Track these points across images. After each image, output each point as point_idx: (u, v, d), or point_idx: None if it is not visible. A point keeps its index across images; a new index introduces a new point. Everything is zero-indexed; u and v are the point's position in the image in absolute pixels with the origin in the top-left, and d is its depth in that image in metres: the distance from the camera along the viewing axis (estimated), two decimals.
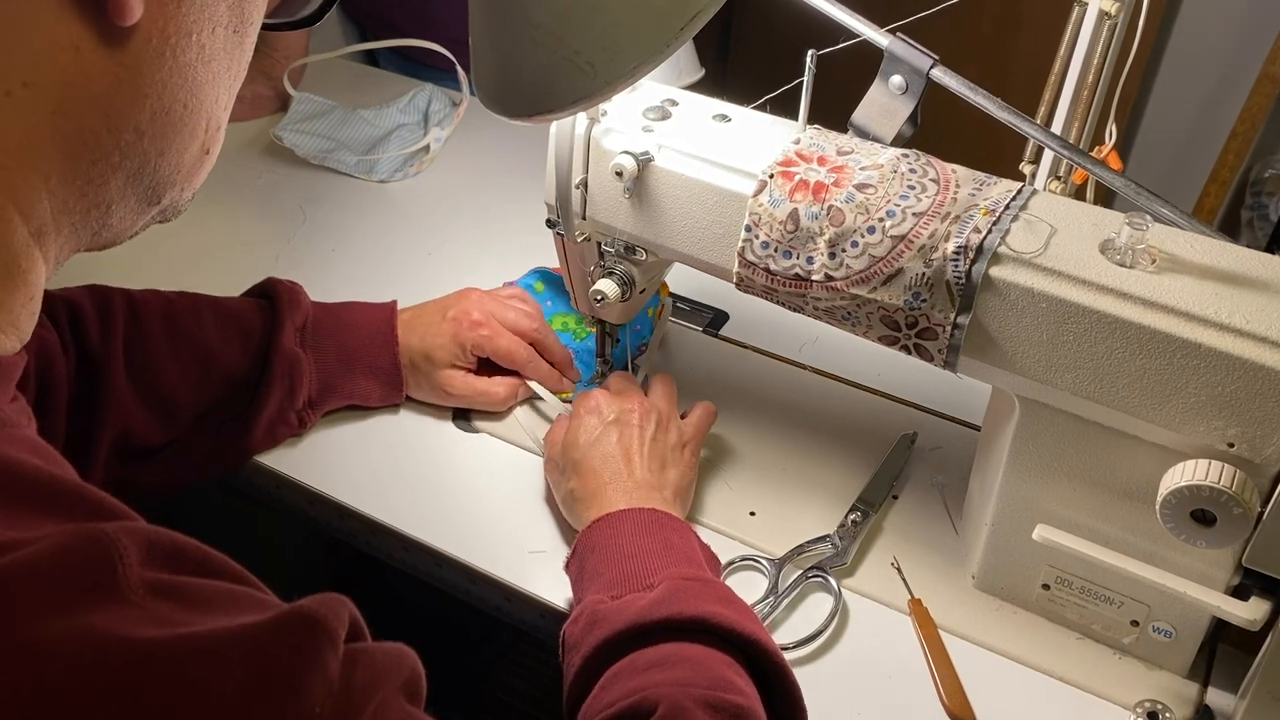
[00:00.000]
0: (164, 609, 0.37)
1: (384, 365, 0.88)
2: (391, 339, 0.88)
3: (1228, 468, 0.62)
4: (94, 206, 0.47)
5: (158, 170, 0.48)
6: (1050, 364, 0.66)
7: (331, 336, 0.87)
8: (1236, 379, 0.60)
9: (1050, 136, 0.73)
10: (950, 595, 0.78)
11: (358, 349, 0.88)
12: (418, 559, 0.84)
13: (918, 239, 0.66)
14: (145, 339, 0.80)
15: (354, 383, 0.88)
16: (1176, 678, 0.73)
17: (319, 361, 0.86)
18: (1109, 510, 0.69)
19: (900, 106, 0.74)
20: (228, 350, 0.83)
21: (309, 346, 0.86)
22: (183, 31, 0.45)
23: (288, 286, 0.87)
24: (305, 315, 0.86)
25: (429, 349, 0.88)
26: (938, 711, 0.72)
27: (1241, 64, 1.98)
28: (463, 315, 0.89)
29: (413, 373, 0.89)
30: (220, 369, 0.82)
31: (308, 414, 0.87)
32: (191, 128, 0.48)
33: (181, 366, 0.81)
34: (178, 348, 0.81)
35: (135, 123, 0.45)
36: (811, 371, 0.98)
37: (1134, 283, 0.63)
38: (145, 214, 0.50)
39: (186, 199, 0.52)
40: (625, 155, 0.76)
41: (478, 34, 0.66)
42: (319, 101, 1.29)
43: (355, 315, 0.89)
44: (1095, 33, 0.84)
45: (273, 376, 0.83)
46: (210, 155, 0.51)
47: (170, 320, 0.81)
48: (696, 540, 0.74)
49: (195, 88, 0.47)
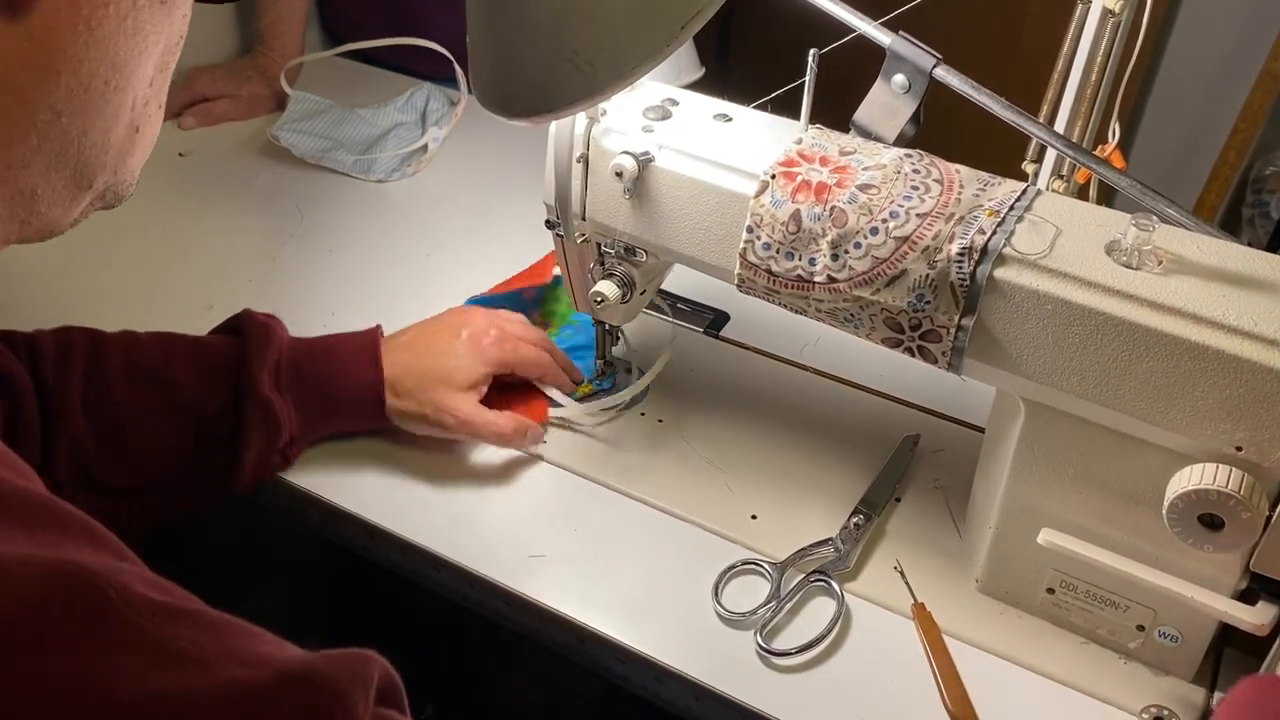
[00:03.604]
0: (174, 629, 0.36)
1: (368, 397, 0.84)
2: (376, 368, 0.83)
3: (1235, 471, 0.61)
4: (17, 194, 0.44)
5: (82, 151, 0.45)
6: (1055, 366, 0.65)
7: (310, 373, 0.82)
8: (1244, 382, 0.60)
9: (1053, 135, 0.73)
10: (954, 599, 0.78)
11: (339, 383, 0.83)
12: (416, 563, 0.83)
13: (921, 240, 0.66)
14: (105, 378, 0.77)
15: (337, 418, 0.85)
16: (1182, 683, 0.73)
17: (299, 400, 0.82)
18: (1115, 514, 0.69)
19: (903, 106, 0.73)
20: (196, 389, 0.79)
21: (285, 387, 0.81)
22: (96, 2, 0.42)
23: (261, 322, 0.82)
24: (279, 353, 0.81)
25: (448, 371, 0.84)
26: (941, 716, 0.71)
27: (1242, 61, 1.97)
28: (480, 333, 0.86)
29: (412, 400, 0.84)
30: (188, 409, 0.79)
31: (292, 451, 0.83)
32: (116, 105, 0.46)
33: (142, 405, 0.77)
34: (138, 386, 0.78)
35: (50, 101, 0.43)
36: (813, 373, 0.97)
37: (1140, 284, 0.62)
38: (79, 199, 0.48)
39: (126, 182, 0.50)
40: (625, 155, 0.75)
41: (476, 33, 0.65)
42: (316, 101, 1.28)
43: (335, 347, 0.85)
44: (1099, 31, 0.84)
45: (250, 424, 0.79)
46: (143, 134, 0.49)
47: (134, 359, 0.78)
48: None
49: (117, 63, 0.44)
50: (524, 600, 0.78)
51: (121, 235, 1.08)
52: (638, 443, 0.89)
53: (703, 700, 0.74)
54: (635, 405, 0.92)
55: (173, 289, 1.04)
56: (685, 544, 0.82)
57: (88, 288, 1.03)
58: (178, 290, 1.04)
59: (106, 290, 1.03)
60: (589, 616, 0.76)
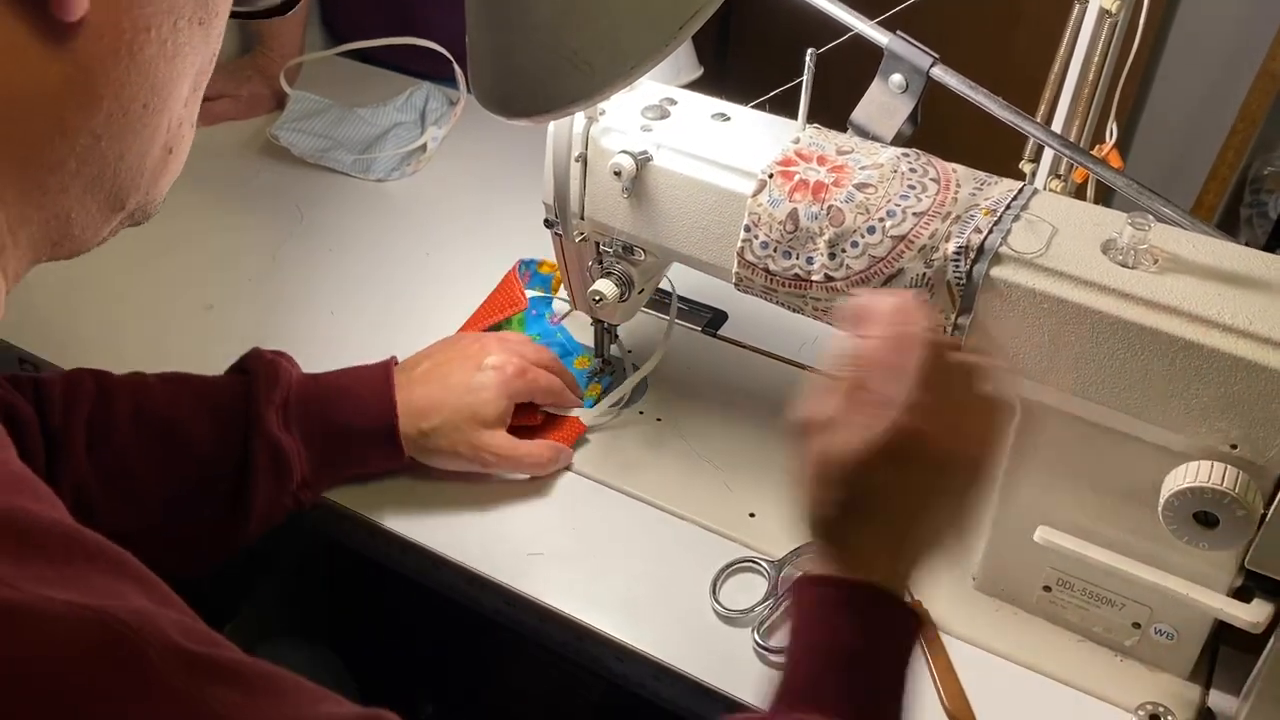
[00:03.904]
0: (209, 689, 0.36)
1: (381, 431, 0.80)
2: (388, 400, 0.80)
3: (1230, 469, 0.61)
4: (52, 217, 0.44)
5: (118, 175, 0.45)
6: (1051, 365, 0.65)
7: (319, 410, 0.79)
8: (1240, 380, 0.60)
9: (1051, 135, 0.73)
10: (950, 597, 0.78)
11: (350, 419, 0.80)
12: (416, 561, 0.83)
13: (918, 239, 0.66)
14: (110, 419, 0.75)
15: (350, 455, 0.81)
16: (1178, 680, 0.73)
17: (307, 437, 0.78)
18: (1110, 512, 0.69)
19: (900, 105, 0.73)
20: (202, 432, 0.76)
21: (294, 426, 0.78)
22: (139, 26, 0.42)
23: (268, 361, 0.79)
24: (287, 391, 0.78)
25: (474, 408, 0.81)
26: (938, 714, 0.71)
27: (1241, 61, 1.97)
28: (503, 364, 0.83)
29: (442, 438, 0.81)
30: (194, 452, 0.76)
31: (304, 494, 0.79)
32: (153, 128, 0.45)
33: (147, 447, 0.75)
34: (144, 428, 0.75)
35: (91, 126, 0.42)
36: (811, 371, 0.97)
37: (1136, 283, 0.63)
38: (109, 221, 0.47)
39: (155, 201, 0.49)
40: (624, 154, 0.76)
41: (475, 34, 0.65)
42: (316, 100, 1.28)
43: (345, 381, 0.81)
44: (1096, 31, 0.84)
45: (257, 464, 0.75)
46: (175, 155, 0.48)
47: (141, 401, 0.76)
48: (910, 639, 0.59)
49: (156, 85, 0.44)
50: (523, 598, 0.78)
51: (120, 235, 1.07)
52: (636, 441, 0.90)
53: (701, 698, 0.74)
54: (634, 404, 0.92)
55: (172, 288, 1.05)
56: (683, 542, 0.82)
57: (87, 287, 1.03)
58: (177, 289, 1.05)
59: (105, 290, 1.03)
60: (588, 614, 0.77)
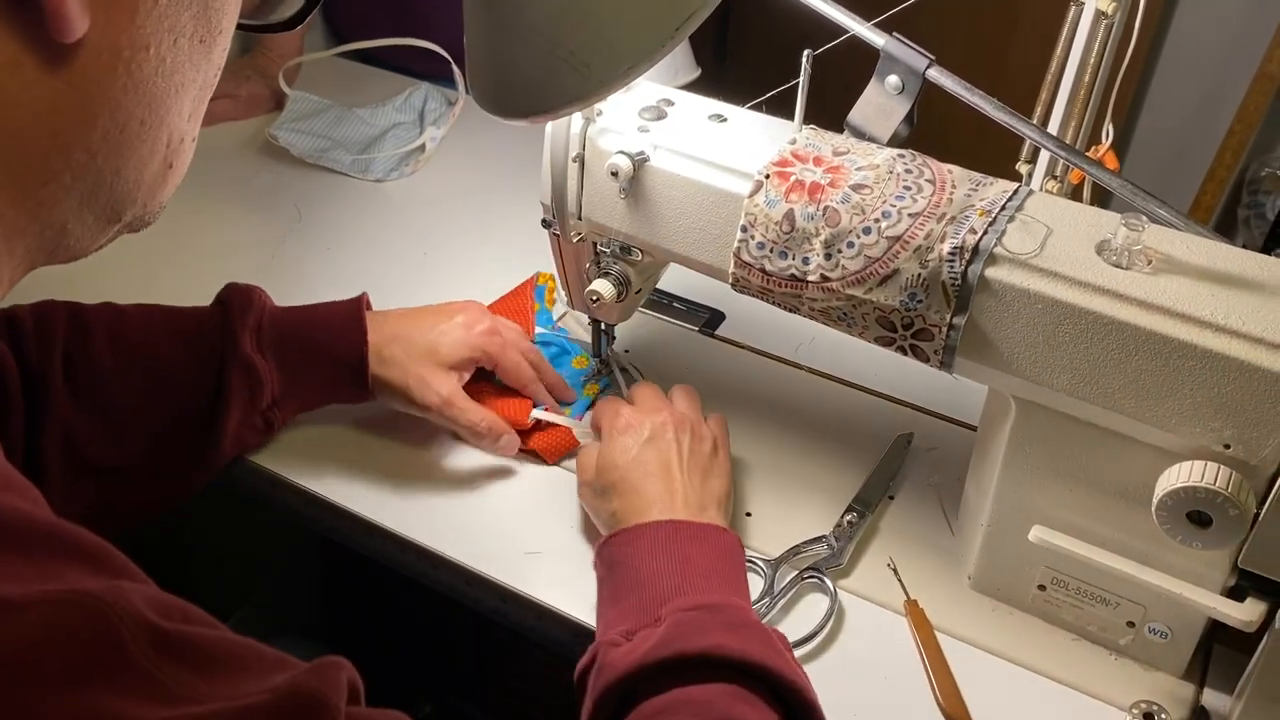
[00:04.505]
0: (171, 671, 0.36)
1: (350, 358, 0.83)
2: (359, 331, 0.83)
3: (1224, 469, 0.61)
4: (47, 227, 0.44)
5: (115, 189, 0.45)
6: (1046, 365, 0.65)
7: (293, 335, 0.82)
8: (1233, 380, 0.60)
9: (1046, 136, 0.73)
10: (946, 596, 0.78)
11: (322, 345, 0.83)
12: (413, 560, 0.83)
13: (913, 240, 0.66)
14: (89, 351, 0.76)
15: (319, 381, 0.84)
16: (1172, 679, 0.73)
17: (281, 360, 0.82)
18: (1105, 511, 0.69)
19: (896, 106, 0.74)
20: (179, 359, 0.79)
21: (266, 348, 0.81)
22: (138, 45, 0.42)
23: (243, 289, 0.83)
24: (260, 316, 0.81)
25: (435, 344, 0.84)
26: (933, 712, 0.72)
27: (1238, 63, 1.98)
28: (474, 320, 0.87)
29: (396, 369, 0.83)
30: (172, 378, 0.78)
31: (274, 414, 0.83)
32: (151, 144, 0.45)
33: (128, 378, 0.77)
34: (123, 359, 0.77)
35: (87, 142, 0.42)
36: (807, 372, 0.97)
37: (1130, 284, 0.63)
38: (106, 231, 0.47)
39: (154, 212, 0.49)
40: (621, 155, 0.76)
41: (473, 35, 0.66)
42: (314, 100, 1.29)
43: (319, 312, 0.85)
44: (1092, 32, 0.84)
45: (231, 385, 0.79)
46: (175, 170, 0.48)
47: (117, 331, 0.78)
48: (721, 546, 0.72)
49: (154, 103, 0.44)
50: (521, 597, 0.79)
51: None
52: None
53: None
54: None
55: (171, 287, 1.04)
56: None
57: (86, 286, 1.03)
58: (176, 289, 1.04)
59: (105, 289, 1.03)
60: (586, 613, 0.77)
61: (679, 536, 0.71)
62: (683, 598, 0.66)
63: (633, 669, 0.62)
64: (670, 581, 0.67)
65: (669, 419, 0.78)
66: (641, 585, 0.68)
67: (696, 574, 0.68)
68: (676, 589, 0.67)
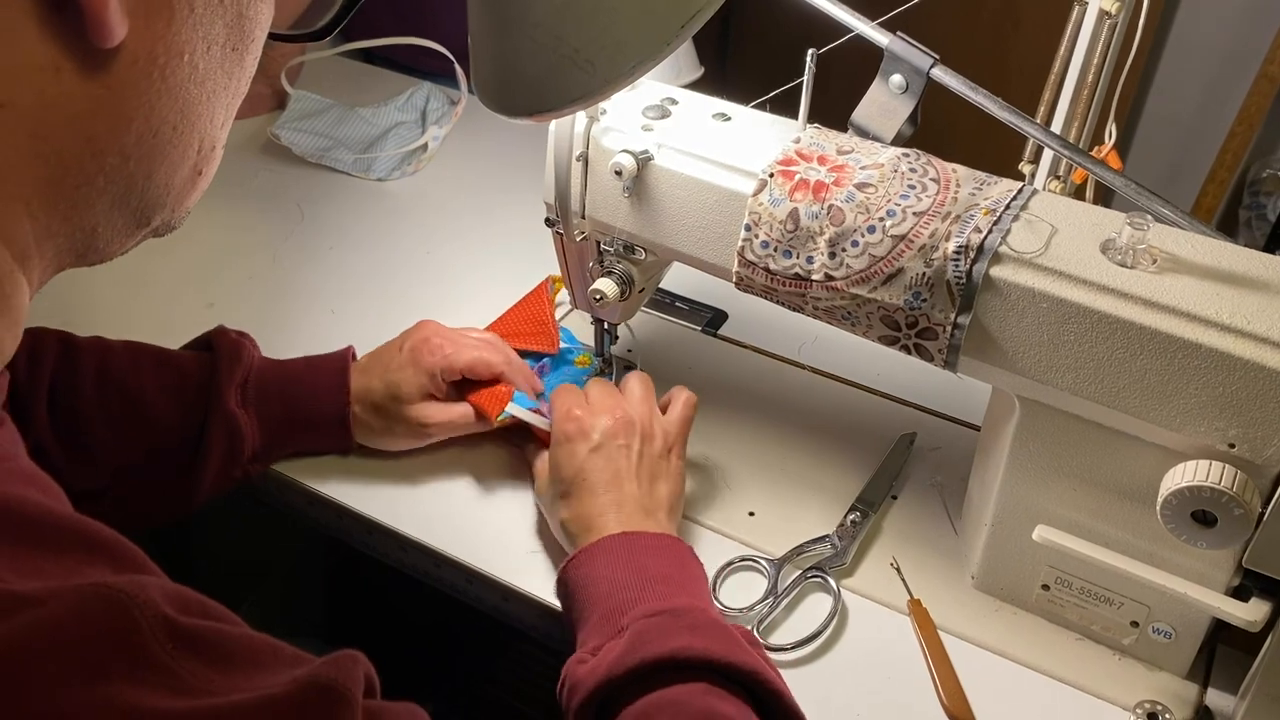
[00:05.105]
0: (189, 665, 0.36)
1: (332, 420, 0.84)
2: (343, 390, 0.83)
3: (1229, 468, 0.61)
4: (78, 229, 0.45)
5: (145, 193, 0.46)
6: (1051, 364, 0.65)
7: (277, 393, 0.83)
8: (1238, 380, 0.60)
9: (1050, 136, 0.73)
10: (950, 596, 0.78)
11: (305, 405, 0.83)
12: (415, 559, 0.83)
13: (918, 238, 0.66)
14: (74, 382, 0.77)
15: (301, 438, 0.84)
16: (1176, 678, 0.73)
17: (262, 418, 0.82)
18: (1109, 511, 0.69)
19: (900, 105, 0.74)
20: (162, 403, 0.79)
21: (251, 404, 0.81)
22: (173, 52, 0.43)
23: (233, 340, 0.82)
24: (248, 371, 0.82)
25: (392, 387, 0.83)
26: (937, 712, 0.71)
27: (1240, 64, 1.98)
28: (420, 343, 0.84)
29: (379, 418, 0.84)
30: (152, 419, 0.78)
31: (253, 467, 0.83)
32: (182, 149, 0.46)
33: (107, 413, 0.77)
34: (106, 394, 0.78)
35: (120, 146, 0.43)
36: (811, 371, 0.97)
37: (1135, 283, 0.63)
38: (134, 235, 0.48)
39: (181, 217, 0.50)
40: (624, 154, 0.76)
41: (477, 33, 0.66)
42: (316, 99, 1.29)
43: (304, 370, 0.85)
44: (1095, 32, 0.84)
45: (212, 438, 0.79)
46: (204, 176, 0.49)
47: (104, 366, 0.78)
48: (674, 552, 0.72)
49: (187, 109, 0.45)
50: (523, 595, 0.79)
51: None
52: None
53: None
54: None
55: (172, 286, 1.05)
56: (683, 539, 0.82)
57: (86, 285, 1.03)
58: (177, 288, 1.05)
59: (105, 288, 1.04)
60: None
61: (633, 547, 0.71)
62: (643, 605, 0.66)
63: (601, 682, 0.62)
64: (629, 593, 0.67)
65: (619, 423, 0.77)
66: (601, 600, 0.68)
67: (654, 581, 0.68)
68: (635, 599, 0.67)
